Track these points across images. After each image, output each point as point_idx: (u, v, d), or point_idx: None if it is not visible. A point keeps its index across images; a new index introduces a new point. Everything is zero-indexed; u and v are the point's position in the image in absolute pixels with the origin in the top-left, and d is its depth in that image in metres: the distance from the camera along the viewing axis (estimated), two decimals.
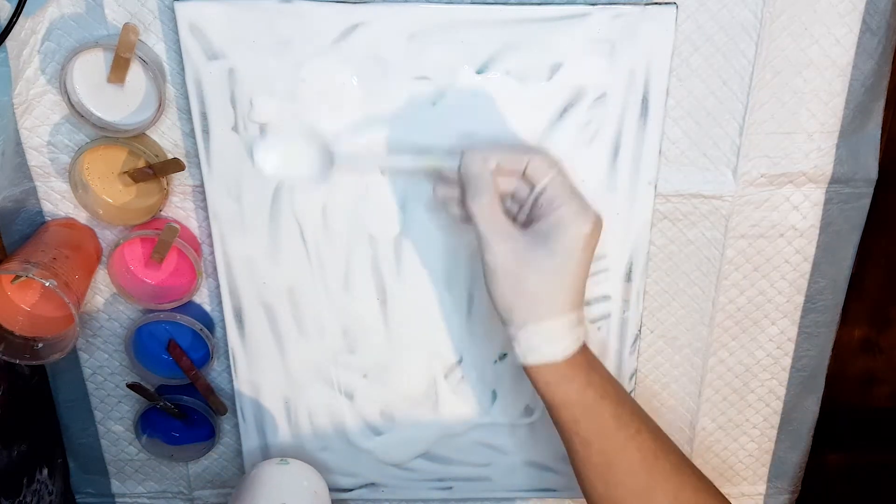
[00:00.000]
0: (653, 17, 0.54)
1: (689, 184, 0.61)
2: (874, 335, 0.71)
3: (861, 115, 0.59)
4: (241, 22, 0.53)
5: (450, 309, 0.63)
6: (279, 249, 0.60)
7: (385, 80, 0.55)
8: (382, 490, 0.71)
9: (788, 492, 0.75)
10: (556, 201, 0.49)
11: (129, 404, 0.69)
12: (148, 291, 0.62)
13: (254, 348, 0.64)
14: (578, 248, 0.48)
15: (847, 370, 0.71)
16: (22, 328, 0.58)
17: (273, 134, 0.56)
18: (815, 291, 0.65)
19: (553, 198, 0.49)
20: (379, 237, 0.60)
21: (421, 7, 0.53)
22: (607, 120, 0.57)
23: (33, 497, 0.65)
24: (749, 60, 0.56)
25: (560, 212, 0.49)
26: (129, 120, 0.56)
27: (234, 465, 0.72)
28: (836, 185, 0.61)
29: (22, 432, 0.64)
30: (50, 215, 0.61)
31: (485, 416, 0.67)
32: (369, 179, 0.58)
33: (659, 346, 0.67)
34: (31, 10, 0.53)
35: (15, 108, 0.56)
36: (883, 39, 0.56)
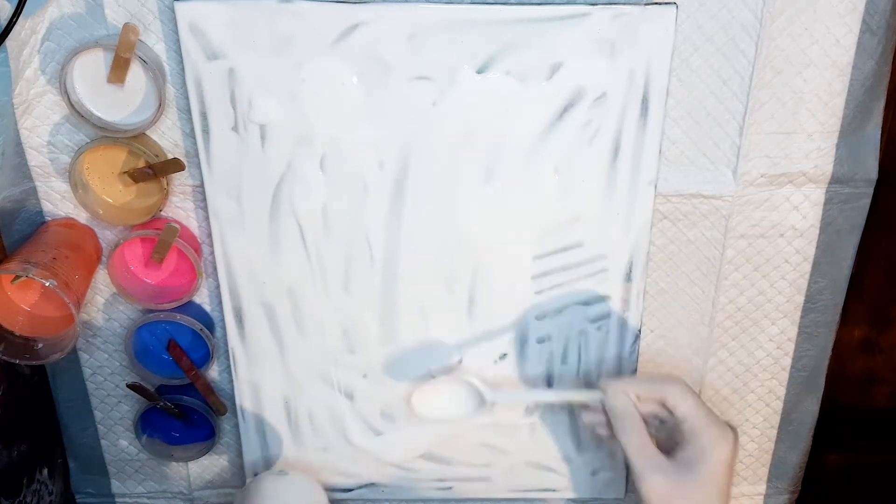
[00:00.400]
0: (653, 17, 0.54)
1: (689, 184, 0.60)
2: (874, 335, 0.71)
3: (861, 115, 0.59)
4: (241, 22, 0.53)
5: (450, 309, 0.63)
6: (279, 249, 0.60)
7: (385, 80, 0.55)
8: (382, 490, 0.71)
9: (788, 492, 0.75)
10: (696, 429, 0.53)
11: (129, 404, 0.69)
12: (148, 291, 0.62)
13: (254, 348, 0.64)
14: (723, 470, 0.53)
15: (847, 370, 0.71)
16: (22, 328, 0.58)
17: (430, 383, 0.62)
18: (815, 291, 0.65)
19: (694, 425, 0.53)
20: (379, 237, 0.60)
21: (421, 7, 0.53)
22: (607, 120, 0.57)
23: (33, 497, 0.65)
24: (749, 60, 0.56)
25: (702, 440, 0.53)
26: (129, 120, 0.56)
27: (235, 464, 0.72)
28: (836, 185, 0.61)
29: (22, 432, 0.64)
30: (50, 215, 0.61)
31: (485, 417, 0.67)
32: (369, 179, 0.58)
33: (659, 346, 0.67)
34: (31, 10, 0.53)
35: (15, 108, 0.56)
36: (883, 39, 0.56)
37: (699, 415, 0.54)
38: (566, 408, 0.67)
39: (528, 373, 0.65)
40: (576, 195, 0.59)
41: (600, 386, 0.57)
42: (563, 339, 0.64)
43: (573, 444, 0.68)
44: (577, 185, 0.59)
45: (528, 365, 0.65)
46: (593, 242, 0.61)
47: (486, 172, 0.58)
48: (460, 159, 0.58)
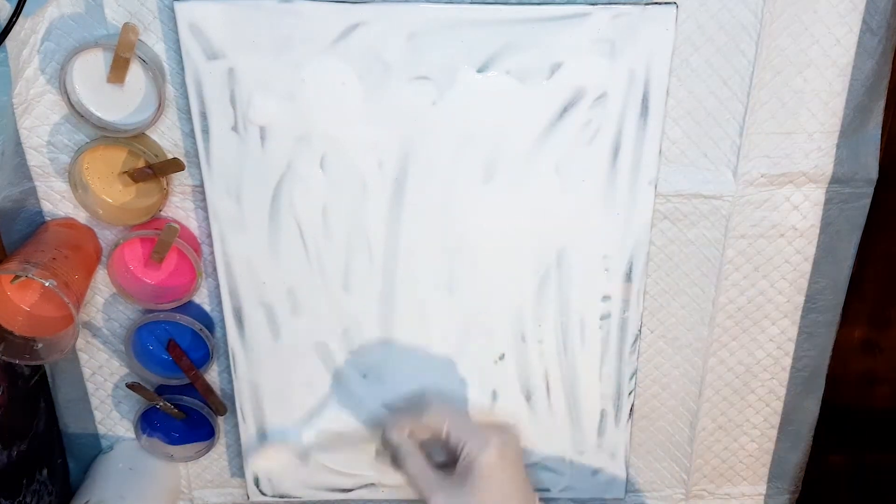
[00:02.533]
0: (653, 17, 0.54)
1: (689, 184, 0.60)
2: (874, 335, 0.70)
3: (861, 115, 0.59)
4: (241, 22, 0.53)
5: (450, 309, 0.63)
6: (279, 249, 0.60)
7: (385, 80, 0.55)
8: (382, 490, 0.71)
9: (788, 492, 0.75)
10: (459, 443, 0.55)
11: (129, 404, 0.69)
12: (148, 291, 0.62)
13: (254, 348, 0.64)
14: (495, 474, 0.55)
15: (847, 370, 0.71)
16: (22, 328, 0.58)
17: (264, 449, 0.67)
18: (815, 291, 0.65)
19: (457, 440, 0.56)
20: (378, 237, 0.60)
21: (421, 7, 0.53)
22: (607, 120, 0.57)
23: (33, 497, 0.65)
24: (749, 60, 0.56)
25: (465, 451, 0.55)
26: (128, 120, 0.56)
27: (234, 465, 0.72)
28: (836, 185, 0.61)
29: (22, 432, 0.64)
30: (50, 215, 0.61)
31: (485, 417, 0.67)
32: (368, 179, 0.58)
33: (659, 346, 0.67)
34: (30, 10, 0.53)
35: (15, 107, 0.56)
36: (883, 39, 0.56)
37: (458, 428, 0.56)
38: (566, 406, 0.67)
39: (527, 373, 0.65)
40: (576, 195, 0.59)
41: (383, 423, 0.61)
42: (562, 339, 0.64)
43: (573, 444, 0.68)
44: (577, 185, 0.59)
45: (527, 365, 0.65)
46: (593, 242, 0.61)
47: (486, 172, 0.58)
48: (460, 159, 0.58)
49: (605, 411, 0.67)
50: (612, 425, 0.68)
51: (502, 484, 0.55)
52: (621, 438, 0.68)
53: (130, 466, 0.69)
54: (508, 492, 0.55)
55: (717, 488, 0.74)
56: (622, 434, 0.68)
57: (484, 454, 0.55)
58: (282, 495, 0.71)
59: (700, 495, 0.74)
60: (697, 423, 0.70)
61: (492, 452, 0.55)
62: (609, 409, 0.67)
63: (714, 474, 0.73)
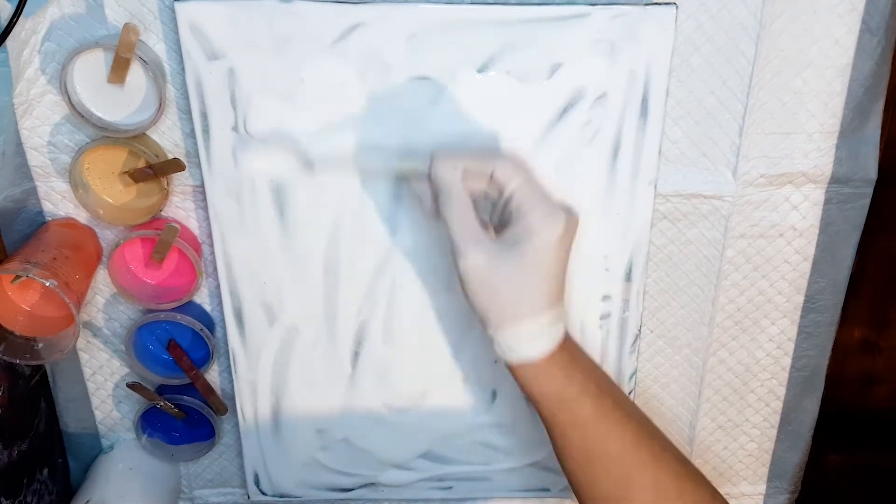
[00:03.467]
0: (653, 17, 0.54)
1: (689, 184, 0.61)
2: (874, 335, 0.71)
3: (861, 115, 0.59)
4: (241, 22, 0.53)
5: (450, 309, 0.63)
6: (279, 249, 0.61)
7: (385, 80, 0.55)
8: (382, 490, 0.71)
9: (788, 492, 0.75)
10: (523, 207, 0.50)
11: (129, 404, 0.69)
12: (148, 291, 0.62)
13: (254, 348, 0.64)
14: (549, 253, 0.49)
15: (847, 370, 0.71)
16: (22, 328, 0.58)
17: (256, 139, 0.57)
18: (814, 291, 0.65)
19: (521, 203, 0.50)
20: (378, 237, 0.60)
21: (421, 7, 0.53)
22: (607, 120, 0.57)
23: (33, 497, 0.65)
24: (749, 60, 0.56)
25: (529, 218, 0.49)
26: (129, 120, 0.56)
27: (235, 465, 0.72)
28: (835, 185, 0.61)
29: (22, 432, 0.64)
30: (50, 215, 0.61)
31: (485, 416, 0.67)
32: (369, 179, 0.58)
33: (659, 346, 0.67)
34: (31, 11, 0.53)
35: (15, 108, 0.56)
36: (882, 40, 0.56)
37: (527, 191, 0.50)
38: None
39: None
40: (576, 195, 0.59)
41: (431, 155, 0.52)
42: None
43: None
44: (577, 185, 0.59)
45: None
46: (593, 242, 0.61)
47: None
48: None
49: None
50: None
51: (553, 264, 0.50)
52: None
53: (131, 466, 0.69)
54: (556, 274, 0.50)
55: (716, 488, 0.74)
56: None
57: (550, 226, 0.49)
58: (282, 495, 0.71)
59: None
60: (697, 423, 0.70)
61: (559, 227, 0.49)
62: None
63: (714, 474, 0.73)
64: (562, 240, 0.49)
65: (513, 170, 0.51)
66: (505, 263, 0.49)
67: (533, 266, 0.49)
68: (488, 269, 0.49)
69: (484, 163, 0.51)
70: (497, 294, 0.50)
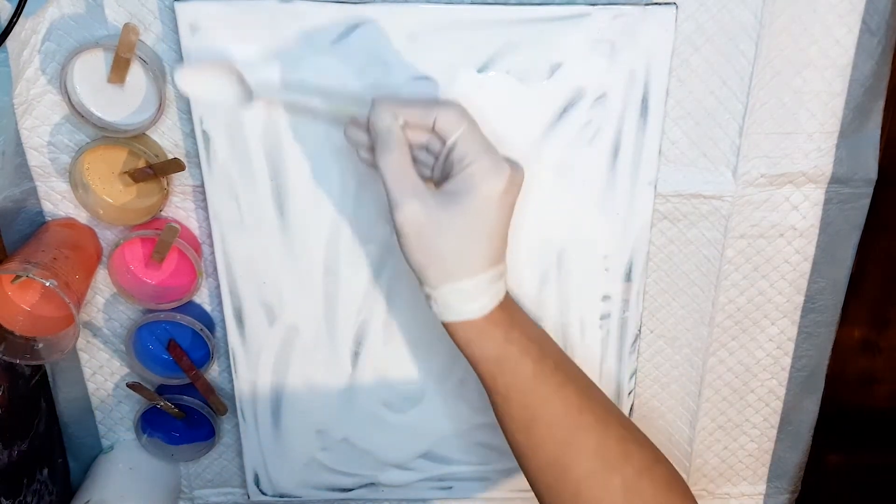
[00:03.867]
0: (653, 17, 0.54)
1: (689, 184, 0.61)
2: (874, 335, 0.71)
3: (861, 115, 0.59)
4: (241, 22, 0.53)
5: None
6: (279, 249, 0.61)
7: (385, 80, 0.55)
8: (382, 490, 0.71)
9: (788, 492, 0.75)
10: (466, 158, 0.47)
11: (129, 404, 0.69)
12: (148, 291, 0.62)
13: (254, 348, 0.64)
14: (492, 207, 0.47)
15: (847, 370, 0.71)
16: (22, 328, 0.58)
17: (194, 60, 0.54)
18: (814, 291, 0.65)
19: (464, 155, 0.47)
20: (379, 237, 0.60)
21: (421, 7, 0.53)
22: (607, 120, 0.57)
23: (33, 497, 0.65)
24: (749, 60, 0.56)
25: (470, 169, 0.47)
26: (129, 120, 0.56)
27: (235, 465, 0.72)
28: (835, 185, 0.61)
29: (22, 432, 0.64)
30: (50, 215, 0.61)
31: (485, 416, 0.67)
32: (369, 180, 0.58)
33: (659, 346, 0.67)
34: (31, 11, 0.53)
35: (15, 108, 0.56)
36: (883, 40, 0.56)
37: (470, 141, 0.47)
38: None
39: None
40: (576, 195, 0.59)
41: (372, 101, 0.49)
42: (561, 339, 0.64)
43: None
44: (576, 185, 0.59)
45: None
46: (593, 242, 0.61)
47: None
48: None
49: None
50: None
51: (496, 219, 0.48)
52: None
53: (131, 466, 0.69)
54: (498, 229, 0.48)
55: (716, 488, 0.74)
56: None
57: (494, 179, 0.47)
58: (282, 495, 0.71)
59: (700, 495, 0.74)
60: (697, 422, 0.70)
61: (503, 180, 0.47)
62: None
63: (714, 474, 0.73)
64: (506, 193, 0.47)
65: (456, 118, 0.48)
66: (445, 216, 0.46)
67: (474, 220, 0.47)
68: (426, 222, 0.47)
69: (426, 111, 0.48)
70: (435, 249, 0.47)
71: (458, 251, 0.47)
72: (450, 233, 0.47)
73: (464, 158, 0.47)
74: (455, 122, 0.48)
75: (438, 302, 0.49)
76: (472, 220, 0.47)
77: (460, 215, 0.47)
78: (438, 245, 0.47)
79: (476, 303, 0.49)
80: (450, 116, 0.48)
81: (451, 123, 0.48)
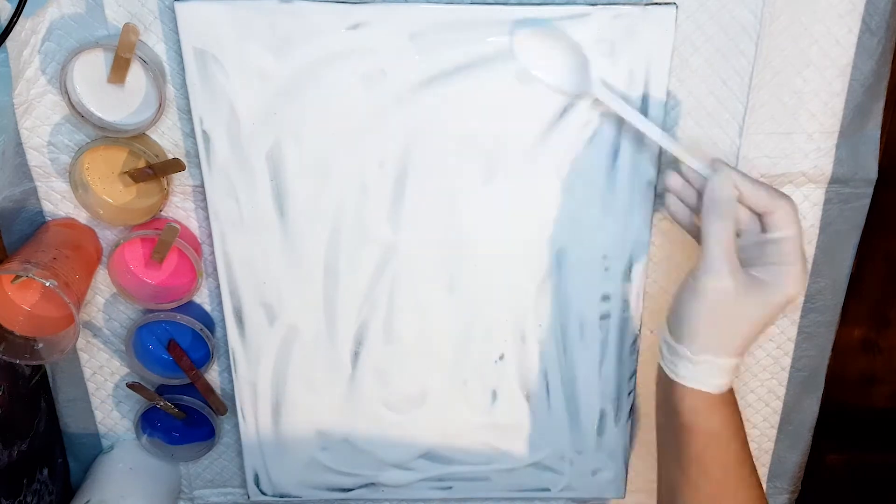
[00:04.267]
0: (653, 17, 0.54)
1: None
2: (874, 335, 0.71)
3: (861, 115, 0.59)
4: (241, 22, 0.53)
5: (450, 309, 0.63)
6: (279, 249, 0.61)
7: (385, 80, 0.55)
8: (382, 490, 0.71)
9: (788, 491, 0.75)
10: (787, 257, 0.50)
11: (129, 404, 0.69)
12: (148, 291, 0.62)
13: (254, 348, 0.64)
14: (782, 307, 0.51)
15: (847, 370, 0.71)
16: (22, 328, 0.58)
17: None
18: (815, 291, 0.65)
19: (786, 253, 0.50)
20: (378, 237, 0.60)
21: (421, 7, 0.53)
22: (607, 120, 0.57)
23: (33, 497, 0.65)
24: (749, 60, 0.56)
25: (786, 268, 0.50)
26: (129, 120, 0.56)
27: (235, 465, 0.72)
28: (835, 185, 0.61)
29: (22, 432, 0.64)
30: (50, 215, 0.61)
31: (485, 416, 0.67)
32: (369, 179, 0.58)
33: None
34: (31, 11, 0.53)
35: (15, 108, 0.56)
36: (883, 39, 0.56)
37: (797, 245, 0.50)
38: (566, 406, 0.67)
39: (527, 373, 0.65)
40: (575, 195, 0.59)
41: (711, 161, 0.52)
42: (562, 339, 0.64)
43: (573, 444, 0.68)
44: (576, 185, 0.59)
45: (527, 365, 0.65)
46: (593, 242, 0.61)
47: (487, 172, 0.58)
48: (460, 159, 0.58)
49: (604, 411, 0.67)
50: (612, 425, 0.68)
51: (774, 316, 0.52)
52: (621, 438, 0.68)
53: (131, 466, 0.69)
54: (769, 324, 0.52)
55: None
56: (622, 434, 0.68)
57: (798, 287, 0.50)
58: (282, 495, 0.71)
59: None
60: None
61: (803, 289, 0.52)
62: (609, 409, 0.67)
63: None
64: (793, 301, 0.51)
65: (793, 217, 0.50)
66: (747, 300, 0.50)
67: (765, 312, 0.50)
68: (732, 297, 0.50)
69: (769, 198, 0.50)
70: (722, 322, 0.50)
71: (736, 332, 0.51)
72: (742, 314, 0.50)
73: (785, 256, 0.50)
74: (791, 221, 0.50)
75: (690, 367, 0.52)
76: (763, 312, 0.51)
77: (759, 303, 0.50)
78: (728, 321, 0.50)
79: (721, 380, 0.52)
80: (788, 214, 0.50)
81: (787, 220, 0.50)
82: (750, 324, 0.51)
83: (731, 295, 0.49)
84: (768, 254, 0.50)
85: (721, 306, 0.50)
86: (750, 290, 0.50)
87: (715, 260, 0.49)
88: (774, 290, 0.50)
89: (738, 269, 0.50)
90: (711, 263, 0.49)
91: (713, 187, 0.50)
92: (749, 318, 0.50)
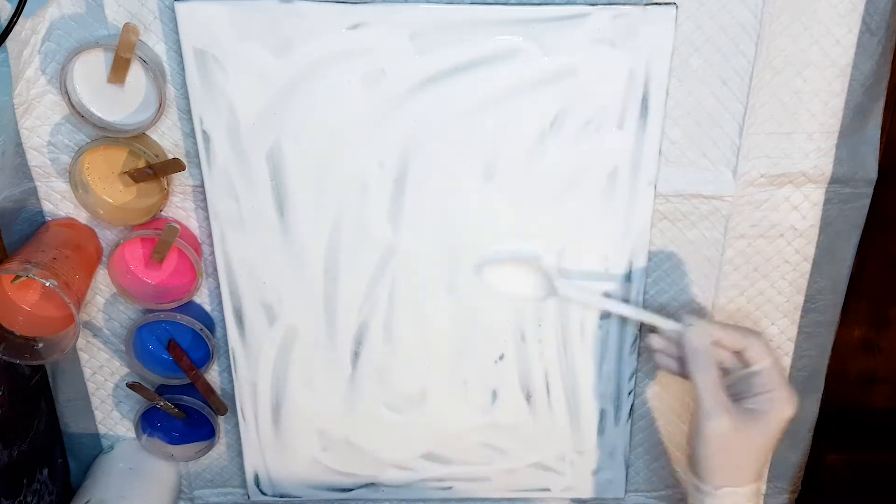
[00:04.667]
0: (653, 17, 0.54)
1: (689, 184, 0.61)
2: (874, 335, 0.71)
3: (861, 115, 0.59)
4: (241, 22, 0.53)
5: (451, 310, 0.63)
6: (279, 249, 0.61)
7: (385, 80, 0.55)
8: (382, 490, 0.71)
9: (788, 491, 0.75)
10: (769, 384, 0.56)
11: (129, 404, 0.69)
12: (148, 291, 0.62)
13: (254, 348, 0.64)
14: (780, 428, 0.56)
15: (847, 370, 0.71)
16: (22, 328, 0.58)
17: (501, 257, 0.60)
18: (814, 291, 0.65)
19: (767, 381, 0.56)
20: (378, 237, 0.60)
21: (421, 7, 0.53)
22: (607, 120, 0.57)
23: (33, 497, 0.65)
24: (749, 60, 0.56)
25: (771, 395, 0.55)
26: (129, 120, 0.56)
27: (235, 465, 0.72)
28: (835, 185, 0.61)
29: (22, 432, 0.64)
30: (50, 215, 0.61)
31: (485, 417, 0.67)
32: (369, 179, 0.58)
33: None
34: (31, 11, 0.53)
35: (15, 108, 0.56)
36: (883, 39, 0.56)
37: (775, 372, 0.56)
38: (566, 406, 0.67)
39: (527, 373, 0.65)
40: (575, 195, 0.59)
41: (684, 320, 0.58)
42: (562, 339, 0.64)
43: (573, 444, 0.69)
44: (576, 185, 0.59)
45: (527, 365, 0.65)
46: (593, 242, 0.61)
47: (486, 172, 0.58)
48: (460, 159, 0.58)
49: (604, 411, 0.67)
50: (612, 425, 0.68)
51: (776, 438, 0.56)
52: (621, 438, 0.68)
53: (131, 466, 0.69)
54: (775, 446, 0.56)
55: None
56: (622, 434, 0.68)
57: (788, 408, 0.55)
58: (282, 495, 0.71)
59: None
60: None
61: (794, 407, 0.56)
62: (609, 408, 0.67)
63: None
64: (790, 420, 0.56)
65: (765, 350, 0.56)
66: (746, 432, 0.55)
67: (766, 438, 0.55)
68: (731, 434, 0.55)
69: (741, 338, 0.57)
70: (733, 457, 0.55)
71: (746, 463, 0.56)
72: (748, 444, 0.55)
73: (767, 384, 0.56)
74: (764, 353, 0.56)
75: (716, 501, 0.56)
76: (765, 437, 0.55)
77: (759, 431, 0.55)
78: (734, 455, 0.55)
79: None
80: (760, 348, 0.56)
81: (761, 353, 0.56)
82: (757, 451, 0.55)
83: (732, 431, 0.54)
84: (754, 385, 0.56)
85: (726, 443, 0.55)
86: (748, 421, 0.55)
87: (708, 404, 0.55)
88: (769, 416, 0.55)
89: (731, 406, 0.55)
90: (707, 409, 0.55)
91: (689, 341, 0.57)
92: (755, 446, 0.55)
